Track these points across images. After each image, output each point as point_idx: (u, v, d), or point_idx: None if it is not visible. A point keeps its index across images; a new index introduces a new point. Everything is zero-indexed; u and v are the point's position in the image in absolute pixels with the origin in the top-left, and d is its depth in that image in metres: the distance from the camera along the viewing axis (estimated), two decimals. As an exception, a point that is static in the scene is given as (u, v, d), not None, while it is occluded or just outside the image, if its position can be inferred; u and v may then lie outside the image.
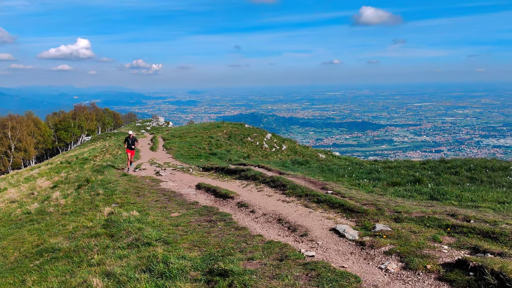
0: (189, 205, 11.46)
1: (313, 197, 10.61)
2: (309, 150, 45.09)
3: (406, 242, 6.48)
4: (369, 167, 17.44)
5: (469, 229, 6.93)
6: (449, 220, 7.46)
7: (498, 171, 13.82)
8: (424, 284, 5.14)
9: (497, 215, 7.82)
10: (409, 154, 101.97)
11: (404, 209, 8.55)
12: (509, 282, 4.59)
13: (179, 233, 8.30)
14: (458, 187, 11.54)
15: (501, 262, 5.05)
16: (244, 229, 8.35)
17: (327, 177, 14.54)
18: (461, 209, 8.46)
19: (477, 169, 14.41)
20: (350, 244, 6.92)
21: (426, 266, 5.50)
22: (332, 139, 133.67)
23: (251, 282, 5.18)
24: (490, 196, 9.91)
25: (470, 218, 7.51)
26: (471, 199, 9.80)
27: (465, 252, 6.01)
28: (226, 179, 16.34)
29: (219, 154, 30.70)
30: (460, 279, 5.01)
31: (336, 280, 5.17)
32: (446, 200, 9.99)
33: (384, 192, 11.56)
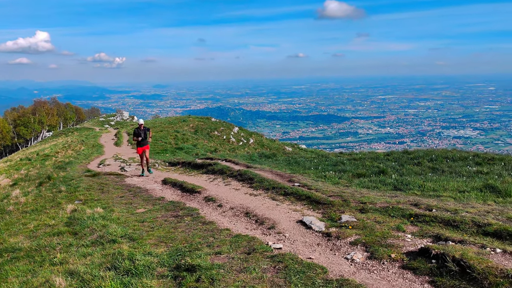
0: (155, 200, 11.31)
1: (280, 190, 10.66)
2: (276, 143, 45.32)
3: (371, 232, 6.59)
4: (334, 159, 17.67)
5: (431, 218, 7.12)
6: (412, 210, 7.64)
7: (458, 161, 14.25)
8: (388, 272, 5.25)
9: (457, 204, 8.07)
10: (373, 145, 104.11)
11: (369, 200, 8.70)
12: (469, 268, 4.73)
13: (145, 229, 8.17)
14: (421, 177, 11.83)
15: (462, 249, 5.21)
16: (212, 224, 8.30)
17: (294, 170, 14.63)
18: (424, 199, 8.69)
19: (439, 159, 14.82)
20: (317, 236, 6.98)
21: (391, 255, 5.62)
22: (299, 132, 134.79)
23: (219, 276, 5.15)
24: (451, 186, 10.20)
25: (432, 207, 7.71)
26: (433, 189, 10.07)
27: (427, 240, 6.16)
28: (193, 173, 16.21)
29: (185, 149, 30.43)
30: (423, 267, 5.14)
31: (303, 272, 5.20)
32: (409, 190, 10.22)
33: (350, 183, 11.73)
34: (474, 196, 8.95)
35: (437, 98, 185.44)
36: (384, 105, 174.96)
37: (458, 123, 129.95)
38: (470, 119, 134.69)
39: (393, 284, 4.92)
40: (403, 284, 4.89)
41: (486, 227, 6.36)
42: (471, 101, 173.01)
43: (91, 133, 47.26)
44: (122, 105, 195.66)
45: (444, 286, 4.68)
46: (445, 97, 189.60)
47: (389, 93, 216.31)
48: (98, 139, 39.85)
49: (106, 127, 60.20)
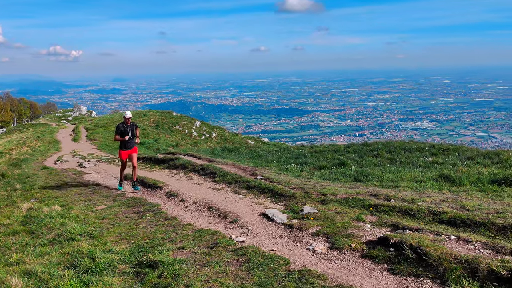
0: (115, 197, 11.08)
1: (243, 183, 10.68)
2: (239, 137, 45.32)
3: (332, 223, 6.71)
4: (296, 152, 17.85)
5: (389, 207, 7.32)
6: (372, 200, 7.83)
7: (415, 152, 14.69)
8: (349, 262, 5.36)
9: (414, 194, 8.33)
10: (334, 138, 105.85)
11: (330, 191, 8.84)
12: (425, 255, 4.90)
13: (105, 226, 8.00)
14: (380, 169, 12.12)
15: (419, 237, 5.38)
16: (174, 219, 8.22)
17: (256, 163, 14.68)
18: (383, 189, 8.91)
19: (397, 150, 15.23)
20: (279, 228, 7.05)
21: (351, 245, 5.74)
22: (261, 126, 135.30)
23: (182, 272, 5.12)
24: (408, 176, 10.51)
25: (391, 197, 7.92)
26: (391, 179, 10.34)
27: (386, 229, 6.34)
28: (154, 169, 15.99)
29: (146, 144, 29.95)
30: (382, 255, 5.29)
31: (266, 264, 5.24)
32: (369, 181, 10.46)
33: (311, 175, 11.89)
34: (430, 186, 9.26)
35: (395, 91, 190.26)
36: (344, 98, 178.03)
37: (415, 115, 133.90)
38: (427, 111, 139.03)
39: (353, 273, 5.03)
40: (363, 273, 5.01)
41: (441, 215, 6.60)
42: (427, 94, 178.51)
43: (47, 129, 45.70)
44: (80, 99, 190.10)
45: (402, 273, 4.83)
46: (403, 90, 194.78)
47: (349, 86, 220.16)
48: (55, 135, 38.61)
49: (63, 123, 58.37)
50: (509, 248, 5.05)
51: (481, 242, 5.35)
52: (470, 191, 8.51)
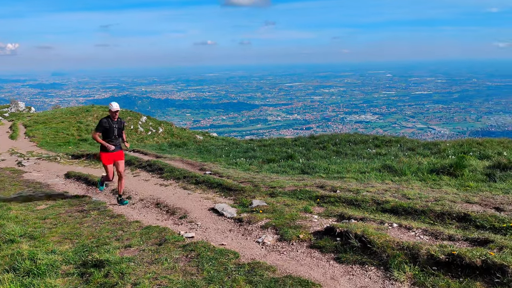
0: (57, 195, 10.65)
1: (192, 179, 10.59)
2: (187, 132, 44.82)
3: (280, 215, 6.81)
4: (245, 146, 17.92)
5: (335, 198, 7.52)
6: (319, 192, 8.01)
7: (360, 144, 15.16)
8: (297, 253, 5.46)
9: (359, 184, 8.59)
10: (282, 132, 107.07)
11: (279, 184, 8.95)
12: (370, 243, 5.07)
13: (47, 226, 7.67)
14: (326, 161, 12.41)
15: (363, 226, 5.57)
16: (120, 217, 8.02)
17: (205, 158, 14.60)
18: (329, 181, 9.13)
19: (342, 143, 15.65)
20: (229, 222, 7.06)
21: (299, 236, 5.85)
22: (209, 120, 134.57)
23: (129, 270, 5.01)
24: (353, 167, 10.82)
25: (337, 189, 8.14)
26: (337, 171, 10.62)
27: (332, 220, 6.51)
28: (98, 166, 15.51)
29: (90, 140, 28.95)
30: (329, 245, 5.43)
31: (216, 258, 5.23)
32: (316, 173, 10.69)
33: (260, 169, 11.98)
34: (374, 176, 9.59)
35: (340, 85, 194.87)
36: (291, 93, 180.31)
37: (359, 109, 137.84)
38: (370, 105, 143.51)
39: (301, 263, 5.13)
40: (311, 263, 5.12)
41: (384, 204, 6.86)
42: (370, 88, 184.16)
43: (-18, 126, 43.16)
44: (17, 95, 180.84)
45: (347, 261, 4.98)
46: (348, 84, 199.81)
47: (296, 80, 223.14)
48: (-10, 133, 36.52)
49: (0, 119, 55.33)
50: (446, 234, 5.33)
51: (421, 229, 5.61)
52: (411, 181, 8.89)
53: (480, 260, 4.27)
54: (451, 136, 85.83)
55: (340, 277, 4.68)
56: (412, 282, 4.35)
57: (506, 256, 4.25)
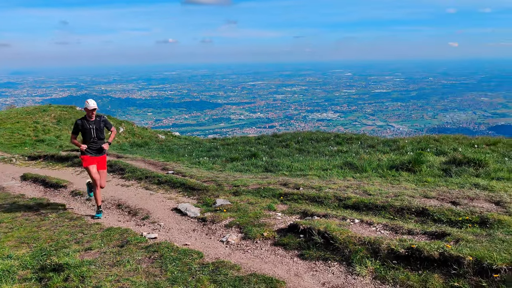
0: (13, 198, 10.25)
1: (154, 179, 10.44)
2: (148, 131, 44.13)
3: (244, 214, 6.81)
4: (208, 145, 17.83)
5: (299, 196, 7.60)
6: (282, 189, 8.07)
7: (322, 142, 15.37)
8: (262, 250, 5.48)
9: (321, 181, 8.71)
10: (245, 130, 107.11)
11: (242, 182, 8.96)
12: (332, 239, 5.15)
13: (2, 230, 7.38)
14: (289, 159, 12.51)
15: (326, 223, 5.65)
16: (80, 219, 7.82)
17: (167, 158, 14.42)
18: (292, 178, 9.20)
19: (304, 141, 15.82)
20: (192, 222, 7.00)
21: (263, 234, 5.87)
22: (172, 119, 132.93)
23: (90, 273, 4.88)
24: (316, 165, 10.96)
25: (300, 186, 8.21)
26: (300, 169, 10.72)
27: (296, 217, 6.57)
28: (57, 167, 15.06)
29: (47, 141, 28.06)
30: (293, 242, 5.47)
31: (180, 259, 5.18)
32: (279, 171, 10.75)
33: (223, 168, 11.95)
34: (336, 173, 9.74)
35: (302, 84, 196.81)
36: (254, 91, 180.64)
37: (321, 107, 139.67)
38: (331, 103, 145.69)
39: (266, 261, 5.15)
40: (275, 260, 5.15)
41: (346, 201, 6.98)
42: (332, 86, 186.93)
43: None
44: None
45: (311, 257, 5.04)
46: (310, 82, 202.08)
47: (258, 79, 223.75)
48: None
49: (-50, 120, 52.80)
50: (406, 228, 5.48)
51: (381, 224, 5.74)
52: (372, 177, 9.08)
53: (437, 252, 4.41)
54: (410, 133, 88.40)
55: (304, 274, 4.73)
56: (373, 276, 4.45)
57: (462, 248, 4.41)
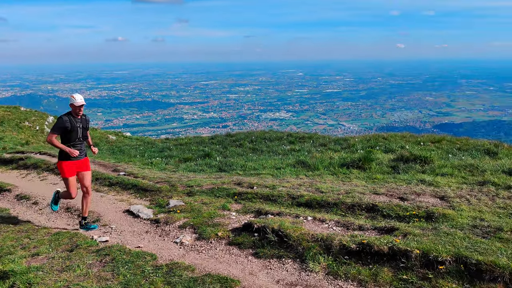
0: (-48, 204, 9.69)
1: (104, 181, 10.18)
2: (98, 132, 42.91)
3: (198, 214, 6.77)
4: (161, 146, 17.57)
5: (253, 195, 7.64)
6: (236, 189, 8.08)
7: (275, 141, 15.51)
8: (216, 250, 5.47)
9: (275, 180, 8.79)
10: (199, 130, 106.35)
11: (196, 183, 8.90)
12: (286, 237, 5.22)
13: None
14: (243, 158, 12.54)
15: (280, 221, 5.71)
16: (26, 223, 7.50)
17: (118, 159, 14.09)
18: (246, 178, 9.24)
19: (258, 140, 15.91)
20: (145, 224, 6.88)
21: (218, 233, 5.86)
22: (123, 120, 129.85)
23: (37, 280, 4.69)
24: (269, 164, 11.05)
25: (254, 185, 8.26)
26: (254, 168, 10.77)
27: (250, 216, 6.60)
28: (0, 170, 14.36)
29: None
30: (247, 241, 5.50)
31: (132, 261, 5.07)
32: (233, 170, 10.76)
33: (177, 168, 11.82)
34: (289, 172, 9.87)
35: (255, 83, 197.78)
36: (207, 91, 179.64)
37: (274, 106, 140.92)
38: (284, 102, 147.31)
39: (220, 261, 5.14)
40: (230, 260, 5.15)
41: (299, 199, 7.09)
42: (284, 86, 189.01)
43: None
44: None
45: (265, 256, 5.08)
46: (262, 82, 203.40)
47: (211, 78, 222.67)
48: None
49: None
50: (357, 224, 5.64)
51: (333, 220, 5.87)
52: (324, 175, 9.26)
53: (387, 247, 4.57)
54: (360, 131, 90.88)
55: (259, 272, 4.76)
56: (326, 272, 4.55)
57: (409, 242, 4.59)
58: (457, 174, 8.18)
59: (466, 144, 11.84)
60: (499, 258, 4.03)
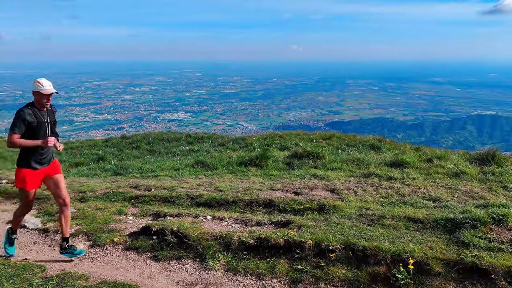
0: None
1: (-17, 190, 9.25)
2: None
3: (92, 221, 6.45)
4: (49, 150, 16.46)
5: (151, 197, 7.47)
6: (133, 192, 7.84)
7: (173, 142, 15.32)
8: (112, 257, 5.26)
9: (173, 181, 8.68)
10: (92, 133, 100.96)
11: (89, 188, 8.48)
12: (186, 237, 5.19)
13: None
14: (140, 160, 12.21)
15: (179, 222, 5.66)
16: None
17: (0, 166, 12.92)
18: (143, 180, 9.00)
19: (156, 142, 15.59)
20: (32, 234, 6.39)
21: (114, 239, 5.63)
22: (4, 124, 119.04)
23: None
24: (167, 165, 10.88)
25: (151, 187, 8.08)
26: (152, 170, 10.54)
27: (148, 219, 6.45)
28: None
29: None
30: (145, 245, 5.37)
31: (18, 275, 4.67)
32: (130, 173, 10.43)
33: (67, 174, 11.15)
34: (188, 172, 9.81)
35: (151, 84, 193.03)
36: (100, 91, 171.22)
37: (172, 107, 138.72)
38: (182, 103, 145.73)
39: (117, 267, 4.95)
40: (127, 265, 4.98)
41: (199, 199, 7.08)
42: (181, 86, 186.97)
43: None
44: None
45: (164, 258, 5.00)
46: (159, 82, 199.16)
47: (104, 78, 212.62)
48: None
49: None
50: (255, 220, 5.78)
51: (232, 218, 5.96)
52: (223, 174, 9.36)
53: (283, 240, 4.75)
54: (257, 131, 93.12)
55: (158, 275, 4.67)
56: (226, 269, 4.60)
57: (303, 234, 4.82)
58: (345, 168, 8.76)
59: (354, 140, 12.72)
60: (382, 243, 4.39)
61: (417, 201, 6.04)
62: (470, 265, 3.97)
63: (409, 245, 4.33)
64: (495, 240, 4.39)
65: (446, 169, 7.81)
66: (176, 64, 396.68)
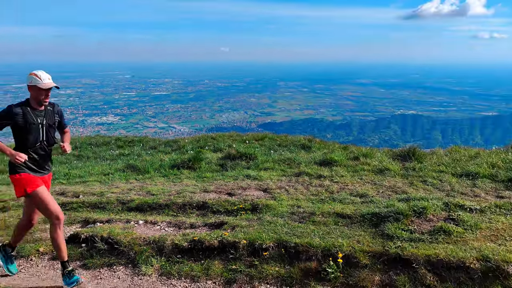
0: None
1: None
2: None
3: (13, 231, 6.09)
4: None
5: (79, 204, 7.17)
6: (60, 199, 7.48)
7: (102, 146, 14.79)
8: (38, 267, 5.02)
9: (103, 187, 8.40)
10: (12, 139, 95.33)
11: (9, 196, 7.99)
12: (117, 243, 5.05)
13: None
14: (66, 166, 11.68)
15: (109, 228, 5.50)
16: None
17: None
18: (70, 187, 8.63)
19: (83, 146, 14.96)
20: None
21: (39, 249, 5.37)
22: None
23: None
24: (96, 170, 10.50)
25: (79, 194, 7.77)
26: (79, 175, 10.12)
27: (77, 226, 6.19)
28: None
29: None
30: (74, 253, 5.16)
31: None
32: (55, 180, 9.94)
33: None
34: (118, 177, 9.53)
35: (77, 86, 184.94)
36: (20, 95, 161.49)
37: (100, 110, 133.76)
38: (111, 106, 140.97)
39: (43, 278, 4.73)
40: (54, 275, 4.77)
41: (130, 203, 6.91)
42: (110, 89, 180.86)
43: None
44: None
45: (95, 266, 4.84)
46: (86, 85, 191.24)
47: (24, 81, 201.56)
48: None
49: None
50: (188, 223, 5.75)
51: (165, 221, 5.88)
52: (155, 177, 9.19)
53: (217, 241, 4.77)
54: (190, 133, 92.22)
55: (88, 284, 4.51)
56: (159, 273, 4.54)
57: (237, 234, 4.87)
58: (277, 168, 8.93)
59: (285, 140, 12.99)
60: (313, 239, 4.55)
61: (345, 198, 6.31)
62: (394, 256, 4.21)
63: (338, 239, 4.51)
64: (416, 231, 4.70)
65: (372, 166, 8.21)
66: (104, 65, 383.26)
